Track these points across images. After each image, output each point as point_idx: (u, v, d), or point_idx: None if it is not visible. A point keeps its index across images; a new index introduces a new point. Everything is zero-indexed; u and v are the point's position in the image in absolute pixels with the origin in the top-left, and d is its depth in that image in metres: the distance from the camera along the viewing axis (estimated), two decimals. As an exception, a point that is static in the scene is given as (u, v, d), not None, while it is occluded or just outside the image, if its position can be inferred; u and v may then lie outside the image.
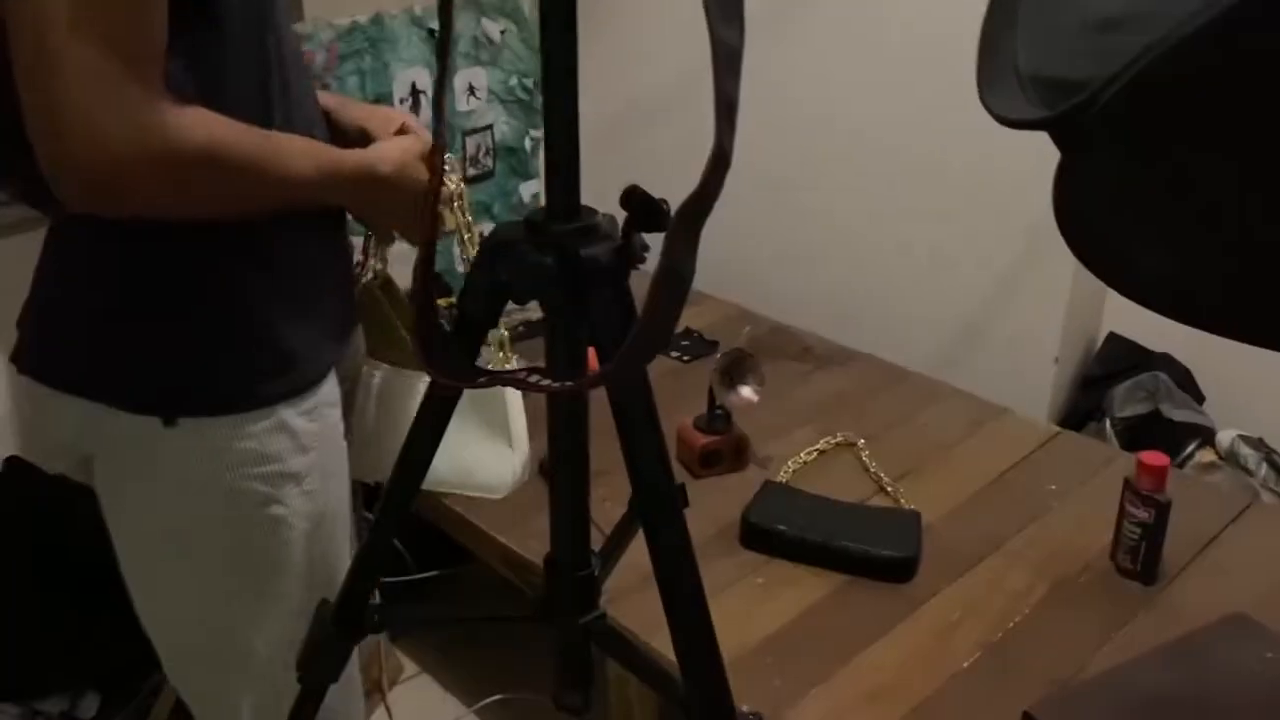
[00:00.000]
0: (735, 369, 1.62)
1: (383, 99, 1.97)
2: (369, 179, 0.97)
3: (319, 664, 0.77)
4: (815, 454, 1.66)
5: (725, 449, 1.61)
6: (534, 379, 0.54)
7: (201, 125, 0.80)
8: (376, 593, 1.03)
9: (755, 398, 1.62)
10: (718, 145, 0.49)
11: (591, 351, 0.63)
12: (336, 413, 1.03)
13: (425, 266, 0.54)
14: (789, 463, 1.62)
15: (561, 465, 0.67)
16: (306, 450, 0.97)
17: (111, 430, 0.93)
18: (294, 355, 0.95)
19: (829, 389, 1.87)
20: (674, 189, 0.59)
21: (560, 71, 0.54)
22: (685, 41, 1.93)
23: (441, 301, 2.01)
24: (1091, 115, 0.46)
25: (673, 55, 2.18)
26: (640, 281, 0.60)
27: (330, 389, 1.02)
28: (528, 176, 2.30)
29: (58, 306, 0.95)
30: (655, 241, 0.60)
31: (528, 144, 2.27)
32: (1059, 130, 0.49)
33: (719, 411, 1.63)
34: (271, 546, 0.97)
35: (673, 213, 0.50)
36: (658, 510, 0.65)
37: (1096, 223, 0.50)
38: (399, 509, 0.70)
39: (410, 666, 1.90)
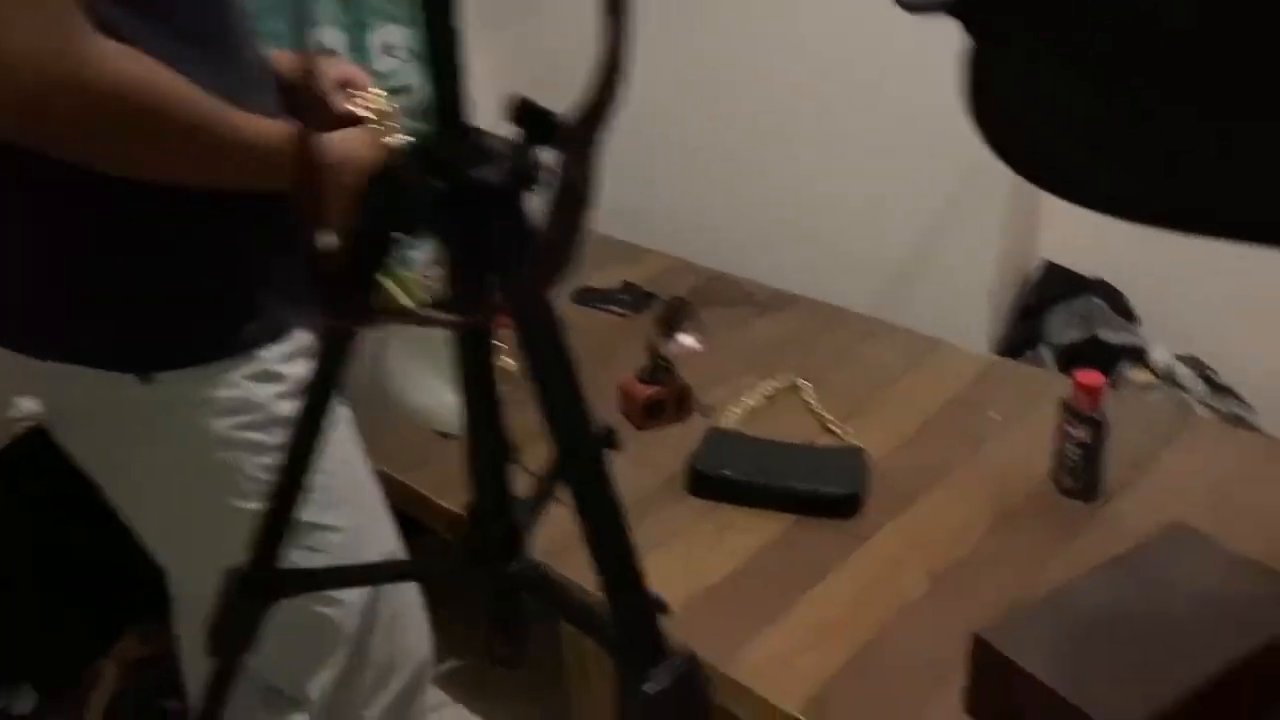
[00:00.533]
0: (674, 317, 1.60)
1: (296, 63, 1.91)
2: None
3: (229, 635, 0.73)
4: (760, 399, 1.65)
5: (668, 399, 1.59)
6: (434, 314, 0.51)
7: (129, 59, 0.77)
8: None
9: (697, 345, 1.60)
10: (607, 47, 0.46)
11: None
12: None
13: (308, 198, 0.50)
14: (733, 408, 1.61)
15: (474, 407, 0.64)
16: (293, 395, 0.95)
17: (86, 391, 0.90)
18: (265, 302, 0.93)
19: (771, 334, 1.85)
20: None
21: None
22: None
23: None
24: (995, -7, 0.45)
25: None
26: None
27: (309, 338, 0.99)
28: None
29: (7, 267, 0.91)
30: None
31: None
32: (964, 12, 0.47)
33: (661, 362, 1.61)
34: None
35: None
36: (574, 448, 0.62)
37: (1009, 111, 0.48)
38: (302, 462, 0.66)
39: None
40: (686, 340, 1.60)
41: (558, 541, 0.79)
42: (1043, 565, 1.26)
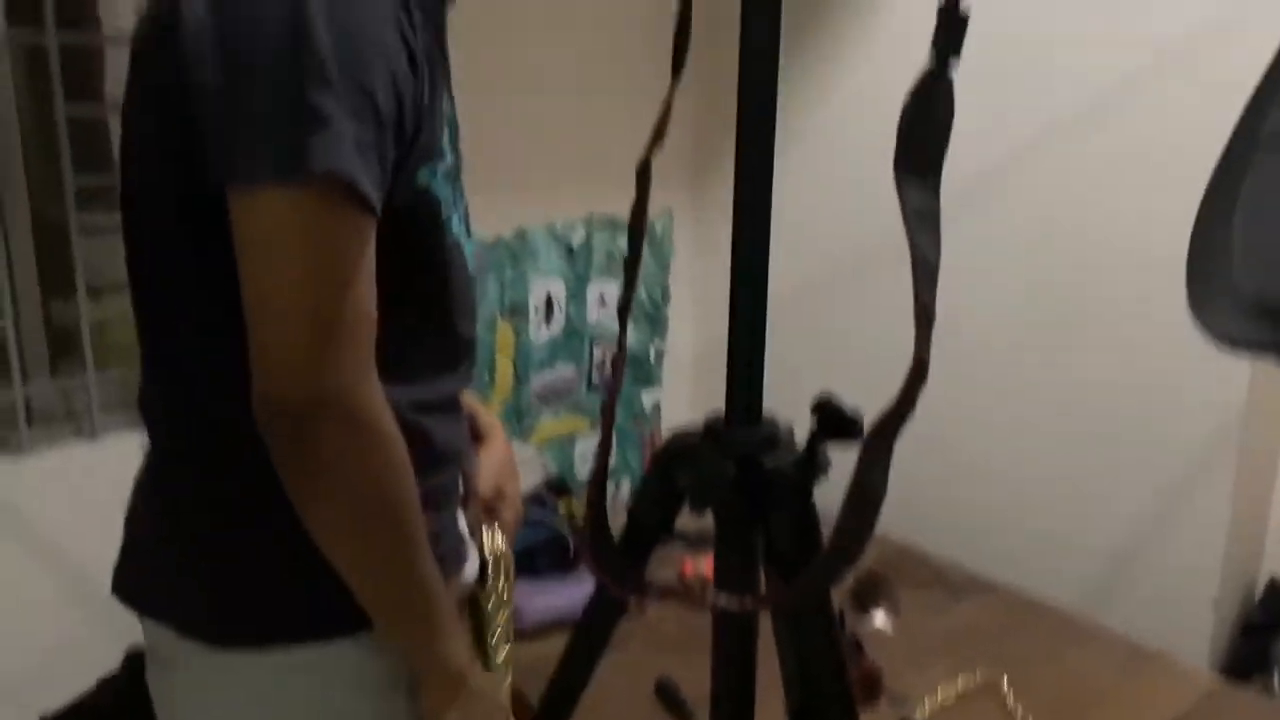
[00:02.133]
0: (868, 592, 1.54)
1: (518, 307, 2.05)
2: (454, 682, 0.80)
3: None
4: (954, 693, 1.53)
5: (856, 681, 1.50)
6: (707, 596, 0.50)
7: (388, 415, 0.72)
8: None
9: (889, 629, 1.52)
10: (918, 357, 0.47)
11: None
12: None
13: (599, 476, 0.52)
14: (925, 701, 1.50)
15: (725, 694, 0.61)
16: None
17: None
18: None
19: (965, 621, 1.74)
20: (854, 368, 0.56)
21: (749, 268, 0.53)
22: (869, 208, 1.88)
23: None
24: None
25: (854, 221, 2.13)
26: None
27: None
28: (649, 384, 2.33)
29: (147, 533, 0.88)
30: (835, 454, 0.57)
31: (651, 354, 2.32)
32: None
33: (848, 639, 1.54)
34: None
35: (866, 426, 0.48)
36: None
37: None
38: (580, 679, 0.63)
39: None
40: (880, 619, 1.52)
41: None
42: None
